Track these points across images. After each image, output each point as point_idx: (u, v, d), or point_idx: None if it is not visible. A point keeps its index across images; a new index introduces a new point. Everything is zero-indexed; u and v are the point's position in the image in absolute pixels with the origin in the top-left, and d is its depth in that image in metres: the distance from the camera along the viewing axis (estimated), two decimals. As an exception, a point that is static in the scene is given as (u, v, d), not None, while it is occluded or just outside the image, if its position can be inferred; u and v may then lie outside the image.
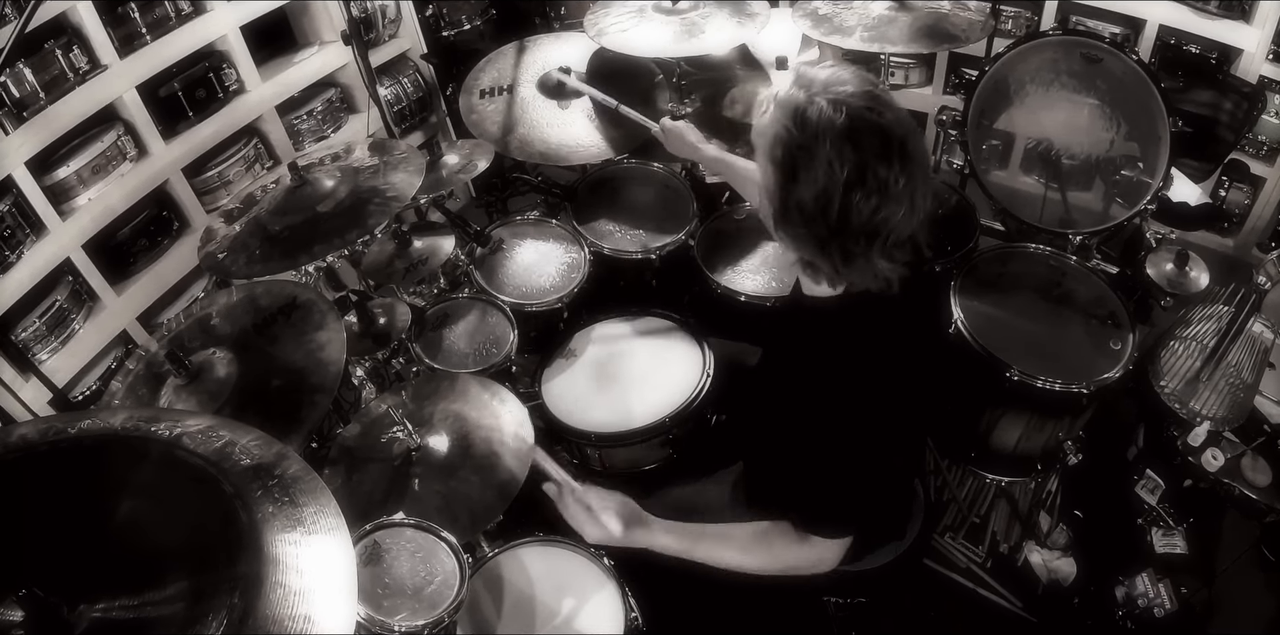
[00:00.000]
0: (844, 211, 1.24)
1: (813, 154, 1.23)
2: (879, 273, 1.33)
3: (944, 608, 2.44)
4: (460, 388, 2.02)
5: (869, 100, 1.25)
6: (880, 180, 1.22)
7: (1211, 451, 2.27)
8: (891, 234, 1.27)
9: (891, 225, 1.26)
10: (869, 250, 1.29)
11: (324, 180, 2.15)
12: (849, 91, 1.25)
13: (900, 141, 1.23)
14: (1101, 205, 2.63)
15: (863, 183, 1.22)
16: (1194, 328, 2.52)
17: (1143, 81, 2.37)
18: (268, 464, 1.09)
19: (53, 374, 2.40)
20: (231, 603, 0.91)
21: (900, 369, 1.42)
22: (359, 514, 1.73)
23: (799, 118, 1.25)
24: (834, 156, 1.22)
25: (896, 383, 1.42)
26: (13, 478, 1.07)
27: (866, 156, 1.22)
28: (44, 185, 2.44)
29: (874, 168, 1.22)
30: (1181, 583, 2.32)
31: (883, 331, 1.42)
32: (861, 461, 1.43)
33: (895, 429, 1.46)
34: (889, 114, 1.25)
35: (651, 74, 2.75)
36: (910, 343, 1.45)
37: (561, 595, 1.76)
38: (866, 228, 1.26)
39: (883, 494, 1.52)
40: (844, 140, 1.22)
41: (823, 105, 1.24)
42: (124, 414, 1.16)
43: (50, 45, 2.36)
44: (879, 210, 1.24)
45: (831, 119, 1.22)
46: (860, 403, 1.39)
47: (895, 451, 1.47)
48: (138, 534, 1.01)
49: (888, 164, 1.22)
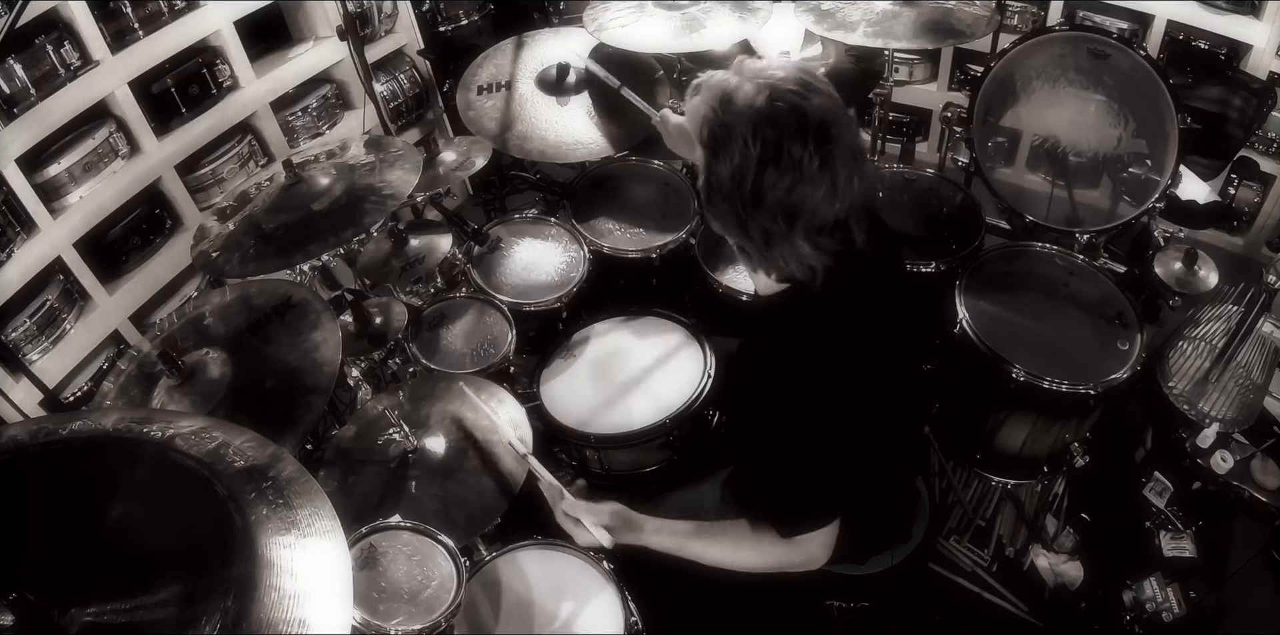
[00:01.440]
0: (757, 188, 1.29)
1: (731, 132, 1.29)
2: (804, 260, 1.35)
3: (949, 612, 2.44)
4: (457, 389, 2.02)
5: (796, 84, 1.29)
6: (794, 158, 1.26)
7: (1221, 453, 2.27)
8: (812, 216, 1.30)
9: (809, 206, 1.29)
10: (790, 232, 1.32)
11: (319, 178, 2.15)
12: (779, 76, 1.30)
13: (820, 123, 1.27)
14: (1109, 203, 2.63)
15: (776, 160, 1.26)
16: (1203, 328, 2.52)
17: (1151, 78, 2.37)
18: (262, 466, 1.09)
19: (43, 374, 2.40)
20: (225, 606, 0.91)
21: (853, 363, 1.43)
22: (355, 517, 1.73)
23: (724, 99, 1.31)
24: (749, 134, 1.27)
25: (848, 376, 1.42)
26: (3, 480, 1.07)
27: (783, 135, 1.26)
28: (34, 183, 2.44)
29: (787, 146, 1.26)
30: (1190, 587, 2.32)
31: (823, 327, 1.43)
32: (814, 456, 1.44)
33: (848, 423, 1.46)
34: (816, 98, 1.28)
35: (652, 70, 2.75)
36: (859, 339, 1.46)
37: (560, 599, 1.76)
38: (782, 206, 1.29)
39: (858, 492, 1.53)
40: (761, 119, 1.27)
41: (748, 88, 1.29)
42: (116, 415, 1.16)
43: (41, 40, 2.36)
44: (793, 189, 1.27)
45: (753, 99, 1.28)
46: (808, 396, 1.41)
47: (857, 447, 1.48)
48: (130, 537, 1.02)
49: (802, 143, 1.26)
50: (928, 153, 3.78)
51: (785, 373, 1.44)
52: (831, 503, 1.50)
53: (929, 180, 2.80)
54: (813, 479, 1.46)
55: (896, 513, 1.83)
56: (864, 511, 1.69)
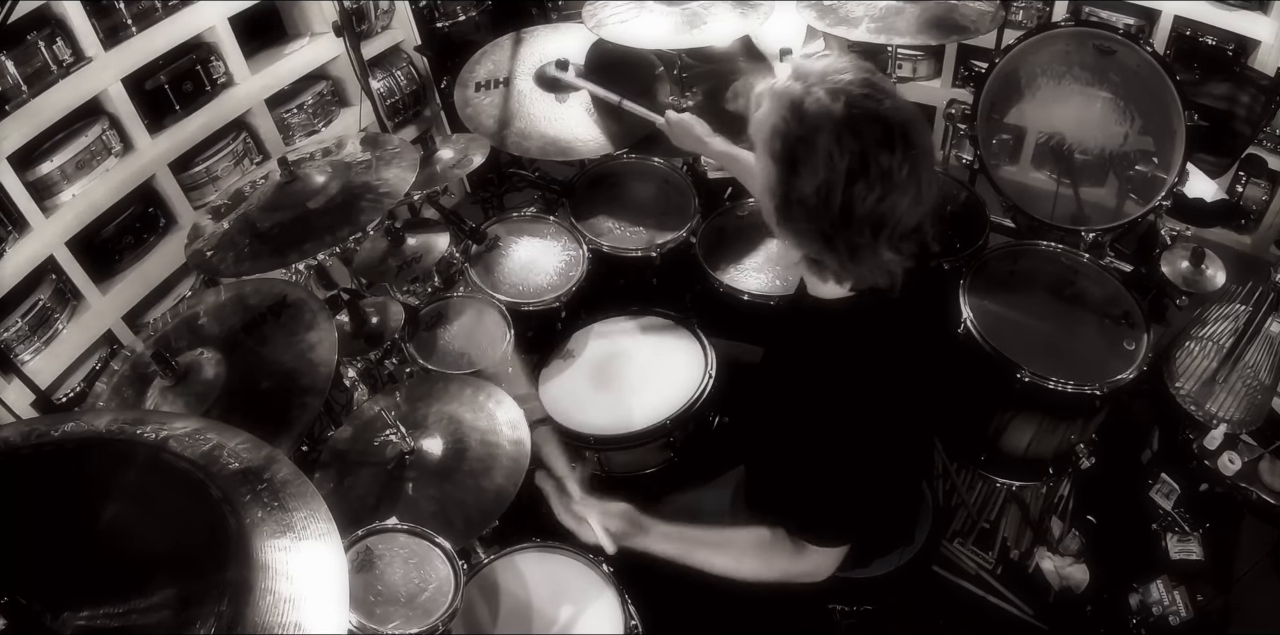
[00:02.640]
0: (847, 203, 1.24)
1: (812, 145, 1.23)
2: (886, 266, 1.32)
3: (953, 616, 2.44)
4: (455, 389, 2.02)
5: (867, 88, 1.24)
6: (883, 169, 1.22)
7: (1228, 455, 2.27)
8: (898, 225, 1.27)
9: (897, 215, 1.25)
10: (875, 243, 1.28)
11: (315, 176, 2.15)
12: (846, 79, 1.25)
13: (902, 128, 1.23)
14: (1115, 201, 2.63)
15: (865, 172, 1.22)
16: (1210, 327, 2.52)
17: (1157, 74, 2.37)
18: (257, 468, 1.09)
19: (35, 375, 2.41)
20: (219, 610, 0.91)
21: (908, 373, 1.42)
22: (351, 519, 1.73)
23: (796, 109, 1.25)
24: (834, 146, 1.22)
25: (902, 387, 1.41)
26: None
27: (867, 145, 1.21)
28: (26, 181, 2.44)
29: (875, 156, 1.21)
30: (1197, 590, 2.32)
31: (892, 334, 1.41)
32: (861, 469, 1.42)
33: (898, 436, 1.46)
34: (888, 101, 1.24)
35: (652, 66, 2.75)
36: (919, 345, 1.45)
37: (559, 602, 1.76)
38: (872, 218, 1.25)
39: (882, 502, 1.51)
40: (844, 129, 1.22)
41: (820, 95, 1.24)
42: (109, 416, 1.16)
43: (33, 37, 2.36)
44: (883, 200, 1.23)
45: (829, 108, 1.22)
46: (863, 408, 1.38)
47: (897, 458, 1.47)
48: (123, 539, 1.01)
49: (890, 151, 1.22)
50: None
51: (841, 380, 1.40)
52: (857, 516, 1.48)
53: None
54: (847, 488, 1.44)
55: (901, 515, 1.83)
56: (869, 515, 1.69)
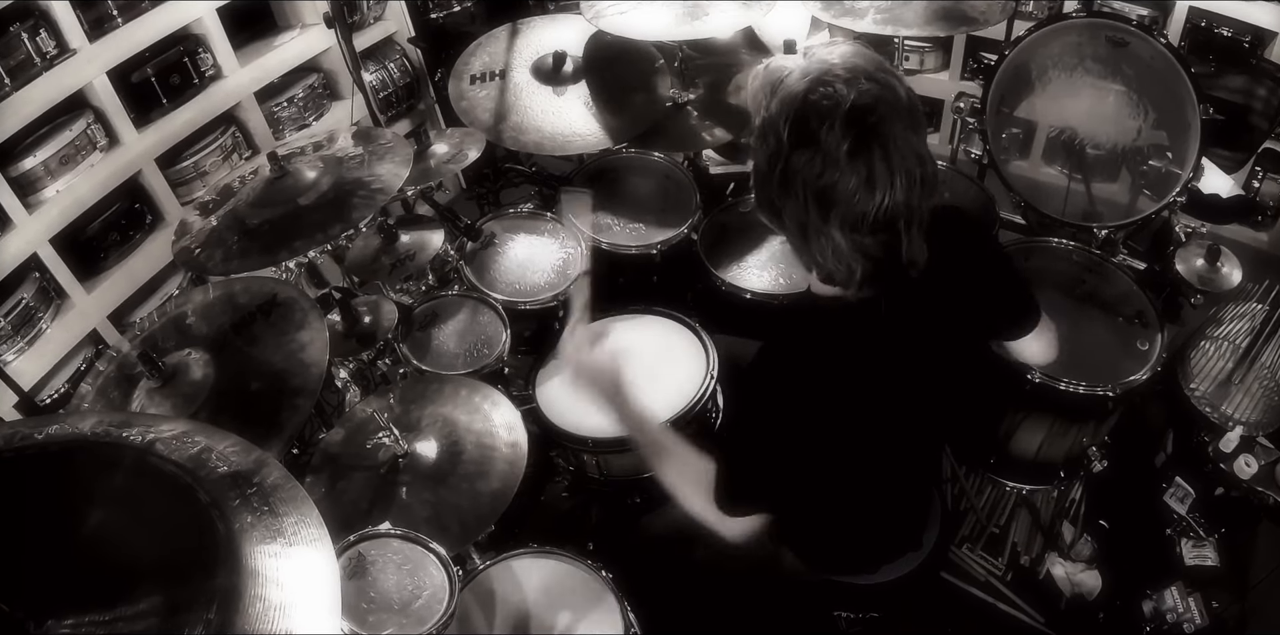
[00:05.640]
0: (787, 171, 1.30)
1: (772, 118, 1.31)
2: (841, 256, 1.33)
3: (961, 623, 2.44)
4: (450, 391, 2.02)
5: (846, 71, 1.28)
6: (822, 143, 1.26)
7: (1244, 458, 2.27)
8: (848, 208, 1.29)
9: (841, 195, 1.28)
10: (824, 224, 1.31)
11: (305, 171, 2.15)
12: (831, 62, 1.29)
13: (855, 109, 1.25)
14: (1128, 197, 2.63)
15: (804, 144, 1.27)
16: (1226, 327, 2.52)
17: (1172, 66, 2.37)
18: (246, 471, 1.09)
19: (18, 376, 2.40)
20: (208, 617, 0.91)
21: (874, 377, 1.43)
22: (343, 524, 1.74)
23: (772, 85, 1.32)
24: (782, 119, 1.29)
25: (864, 390, 1.42)
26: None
27: (809, 118, 1.27)
28: (9, 176, 2.44)
29: (816, 130, 1.26)
30: (1213, 597, 2.32)
31: (869, 337, 1.43)
32: (791, 449, 1.44)
33: (854, 438, 1.47)
34: (864, 84, 1.27)
35: (652, 59, 2.75)
36: (898, 355, 1.45)
37: (557, 609, 1.76)
38: (812, 191, 1.29)
39: (821, 497, 1.52)
40: (799, 103, 1.28)
41: (795, 74, 1.30)
42: (94, 418, 1.16)
43: (16, 28, 2.36)
44: (821, 175, 1.27)
45: (794, 85, 1.29)
46: (826, 405, 1.41)
47: (843, 459, 1.48)
48: (109, 545, 1.01)
49: (831, 127, 1.25)
50: (939, 145, 3.78)
51: (807, 375, 1.43)
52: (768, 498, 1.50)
53: (941, 173, 2.78)
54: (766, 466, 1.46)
55: (907, 520, 1.83)
56: (874, 519, 1.69)
